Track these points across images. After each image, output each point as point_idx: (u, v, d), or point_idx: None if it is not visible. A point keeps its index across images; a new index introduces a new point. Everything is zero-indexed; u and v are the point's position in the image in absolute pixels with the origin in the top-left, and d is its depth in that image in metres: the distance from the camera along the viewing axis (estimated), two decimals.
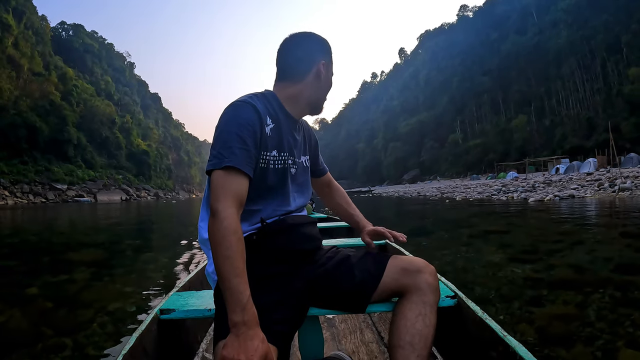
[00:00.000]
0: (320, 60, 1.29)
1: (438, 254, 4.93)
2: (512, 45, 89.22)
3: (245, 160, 1.10)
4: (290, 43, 1.31)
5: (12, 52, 76.89)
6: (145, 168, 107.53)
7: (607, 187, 16.84)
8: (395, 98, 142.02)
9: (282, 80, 1.30)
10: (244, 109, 1.16)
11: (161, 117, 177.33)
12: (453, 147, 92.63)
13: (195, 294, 1.59)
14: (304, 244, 1.28)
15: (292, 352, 1.66)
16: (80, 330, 2.62)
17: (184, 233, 9.31)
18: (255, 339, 0.98)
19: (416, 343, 1.13)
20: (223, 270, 1.01)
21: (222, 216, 1.04)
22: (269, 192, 1.24)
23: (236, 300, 0.99)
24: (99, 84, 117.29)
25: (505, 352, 1.15)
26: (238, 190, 1.09)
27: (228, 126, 1.13)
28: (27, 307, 3.23)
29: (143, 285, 3.92)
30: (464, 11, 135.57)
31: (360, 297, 1.24)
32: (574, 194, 16.48)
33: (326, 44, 1.34)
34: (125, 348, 1.20)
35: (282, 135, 1.24)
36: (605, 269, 3.92)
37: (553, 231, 6.79)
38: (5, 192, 55.99)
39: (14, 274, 4.72)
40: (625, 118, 52.71)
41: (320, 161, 1.57)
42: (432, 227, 9.06)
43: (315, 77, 1.29)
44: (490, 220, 9.69)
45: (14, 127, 66.15)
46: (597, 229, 6.98)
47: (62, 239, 9.19)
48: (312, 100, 1.32)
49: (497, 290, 3.16)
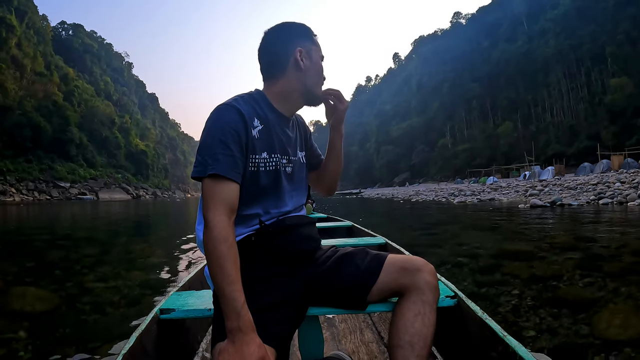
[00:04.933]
0: (294, 49, 1.23)
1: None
2: (502, 52, 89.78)
3: (230, 166, 1.09)
4: (264, 41, 1.27)
5: (15, 52, 77.99)
6: (143, 167, 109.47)
7: (522, 192, 20.73)
8: (388, 102, 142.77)
9: (267, 79, 1.28)
10: (227, 112, 1.13)
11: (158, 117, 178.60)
12: (443, 151, 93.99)
13: (195, 294, 1.62)
14: (302, 245, 1.27)
15: (292, 352, 1.67)
16: (80, 329, 2.63)
17: (184, 233, 9.35)
18: (252, 344, 0.99)
19: (415, 343, 1.11)
20: (216, 279, 1.02)
21: (212, 225, 1.04)
22: (264, 195, 1.22)
23: (231, 307, 1.00)
24: (98, 84, 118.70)
25: (505, 352, 1.14)
26: (226, 198, 1.08)
27: (211, 131, 1.11)
28: (26, 306, 3.19)
29: (143, 285, 3.91)
30: (457, 18, 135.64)
31: (358, 293, 1.23)
32: (494, 197, 20.58)
33: (300, 29, 1.28)
34: (125, 348, 1.19)
35: (272, 136, 1.22)
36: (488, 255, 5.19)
37: (420, 219, 11.68)
38: (12, 189, 57.91)
39: (14, 273, 4.66)
40: (605, 126, 54.86)
41: (316, 152, 1.51)
42: (358, 214, 14.09)
43: (295, 68, 1.24)
44: (402, 212, 15.36)
45: (19, 127, 68.09)
46: (452, 219, 11.23)
47: (65, 237, 9.21)
48: (302, 91, 1.27)
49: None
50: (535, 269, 3.93)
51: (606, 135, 52.72)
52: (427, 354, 1.13)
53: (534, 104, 76.99)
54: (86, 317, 2.89)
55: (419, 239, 7.00)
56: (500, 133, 77.40)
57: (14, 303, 3.28)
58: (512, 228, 8.31)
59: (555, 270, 3.86)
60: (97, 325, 2.72)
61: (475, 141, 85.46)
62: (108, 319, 2.84)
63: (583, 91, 67.48)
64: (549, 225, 8.49)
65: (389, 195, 45.25)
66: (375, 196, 48.67)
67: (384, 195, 46.19)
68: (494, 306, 2.77)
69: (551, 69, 75.12)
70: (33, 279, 4.26)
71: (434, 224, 10.08)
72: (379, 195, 48.71)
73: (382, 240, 2.98)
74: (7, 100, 68.58)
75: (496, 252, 5.05)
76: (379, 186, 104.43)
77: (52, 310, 3.10)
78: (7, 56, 75.27)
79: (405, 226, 10.33)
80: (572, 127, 62.91)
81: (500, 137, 76.87)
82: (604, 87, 62.08)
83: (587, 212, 10.96)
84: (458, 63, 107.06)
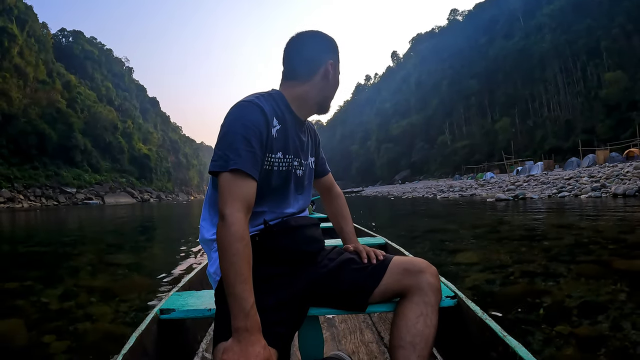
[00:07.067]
0: (327, 60, 1.26)
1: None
2: (499, 49, 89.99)
3: (251, 162, 1.08)
4: (297, 42, 1.28)
5: (18, 61, 78.29)
6: (146, 171, 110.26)
7: (504, 188, 22.16)
8: (387, 100, 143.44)
9: (289, 80, 1.28)
10: (250, 109, 1.13)
11: (160, 121, 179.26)
12: (442, 148, 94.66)
13: (195, 294, 1.60)
14: (306, 246, 1.27)
15: (292, 352, 1.66)
16: (80, 329, 2.61)
17: (184, 232, 9.48)
18: (257, 345, 0.98)
19: (417, 343, 1.12)
20: (228, 276, 1.00)
21: (230, 221, 1.02)
22: (272, 194, 1.22)
23: (240, 306, 0.99)
24: (100, 89, 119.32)
25: (505, 352, 1.14)
26: (246, 194, 1.07)
27: (233, 127, 1.10)
28: (27, 306, 3.22)
29: (143, 285, 3.91)
30: (455, 15, 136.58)
31: (360, 296, 1.23)
32: (475, 193, 22.21)
33: (333, 43, 1.31)
34: (125, 348, 1.19)
35: (288, 137, 1.22)
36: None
37: (394, 211, 14.18)
38: (20, 195, 58.81)
39: (16, 275, 4.74)
40: (601, 120, 55.32)
41: (322, 161, 1.53)
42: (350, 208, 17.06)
43: (322, 77, 1.26)
44: (384, 206, 17.89)
45: (25, 135, 68.80)
46: (418, 210, 13.58)
47: (68, 240, 9.28)
48: (320, 100, 1.29)
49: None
50: (442, 236, 6.26)
51: (602, 129, 53.34)
52: (428, 355, 1.13)
53: (531, 99, 77.26)
54: (86, 317, 2.88)
55: (372, 219, 10.11)
56: (499, 129, 77.92)
57: (14, 302, 3.36)
58: (456, 214, 11.21)
59: (455, 240, 5.88)
60: (97, 325, 2.70)
61: (474, 137, 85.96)
62: (108, 319, 2.83)
63: (579, 86, 67.80)
64: (490, 212, 10.98)
65: (385, 193, 47.89)
66: (373, 194, 50.73)
67: (380, 193, 48.35)
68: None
69: (548, 64, 75.40)
70: (33, 278, 4.32)
71: (399, 214, 13.31)
72: (376, 193, 50.94)
73: (382, 240, 2.99)
74: (12, 108, 69.26)
75: (424, 230, 7.55)
76: (380, 184, 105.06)
77: (51, 310, 3.11)
78: (10, 65, 75.88)
79: (374, 214, 13.60)
80: (569, 122, 63.28)
81: (499, 132, 77.39)
82: (599, 81, 62.42)
83: (539, 204, 12.64)
84: (456, 60, 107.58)
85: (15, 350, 2.34)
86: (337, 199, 1.61)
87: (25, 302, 3.27)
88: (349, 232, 1.55)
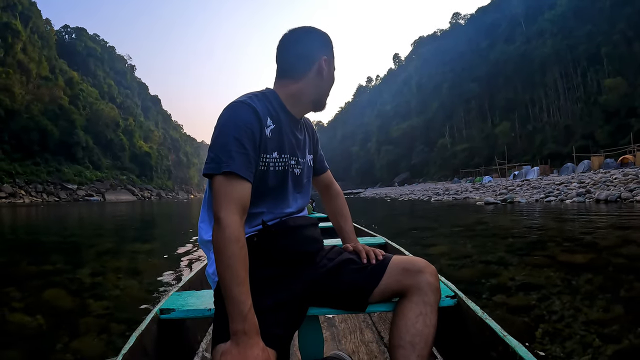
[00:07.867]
0: (321, 57, 1.24)
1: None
2: (500, 53, 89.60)
3: (244, 164, 1.07)
4: (290, 39, 1.26)
5: (21, 57, 78.84)
6: (147, 169, 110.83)
7: (496, 192, 22.57)
8: (388, 102, 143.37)
9: (283, 78, 1.26)
10: (242, 110, 1.11)
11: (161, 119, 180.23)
12: (442, 151, 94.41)
13: (195, 294, 1.60)
14: (305, 246, 1.27)
15: (292, 352, 1.66)
16: (79, 329, 2.62)
17: (185, 232, 9.54)
18: (255, 348, 0.98)
19: (417, 343, 1.11)
20: (225, 279, 1.00)
21: (225, 224, 1.01)
22: (270, 194, 1.21)
23: (237, 309, 0.98)
24: (102, 87, 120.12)
25: (505, 352, 1.14)
26: (240, 196, 1.06)
27: (226, 128, 1.09)
28: (27, 306, 3.25)
29: (143, 284, 3.92)
30: (457, 18, 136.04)
31: (359, 296, 1.23)
32: (468, 196, 22.85)
33: (326, 38, 1.28)
34: (125, 348, 1.18)
35: (283, 136, 1.21)
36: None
37: (387, 211, 14.98)
38: (22, 191, 59.20)
39: (15, 273, 4.77)
40: (600, 126, 55.25)
41: (320, 158, 1.52)
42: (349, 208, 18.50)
43: (317, 74, 1.24)
44: (378, 207, 19.18)
45: (27, 131, 69.28)
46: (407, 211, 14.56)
47: (69, 237, 9.38)
48: (315, 97, 1.27)
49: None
50: (421, 234, 7.10)
51: (601, 135, 53.33)
52: (428, 354, 1.13)
53: (532, 104, 77.13)
54: (86, 317, 2.89)
55: (365, 218, 11.14)
56: (499, 133, 77.90)
57: (14, 301, 3.41)
58: (442, 216, 11.84)
59: (432, 236, 6.61)
60: (97, 325, 2.71)
61: (473, 141, 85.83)
62: (108, 319, 2.83)
63: (579, 91, 67.77)
64: (474, 214, 11.52)
65: (383, 194, 48.98)
66: (371, 196, 51.59)
67: (378, 195, 49.26)
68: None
69: (548, 69, 75.27)
70: (34, 278, 4.40)
71: (391, 214, 14.13)
72: (374, 195, 51.97)
73: (382, 240, 3.01)
74: (14, 104, 69.65)
75: (408, 228, 8.33)
76: (379, 186, 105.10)
77: (51, 310, 3.13)
78: (13, 61, 76.34)
79: (368, 214, 14.23)
80: (568, 127, 63.26)
81: (499, 136, 77.35)
82: (599, 87, 62.36)
83: (524, 208, 13.17)
84: (457, 63, 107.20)
85: (13, 349, 2.41)
86: (336, 198, 1.61)
87: (23, 302, 3.39)
88: (348, 231, 1.55)
